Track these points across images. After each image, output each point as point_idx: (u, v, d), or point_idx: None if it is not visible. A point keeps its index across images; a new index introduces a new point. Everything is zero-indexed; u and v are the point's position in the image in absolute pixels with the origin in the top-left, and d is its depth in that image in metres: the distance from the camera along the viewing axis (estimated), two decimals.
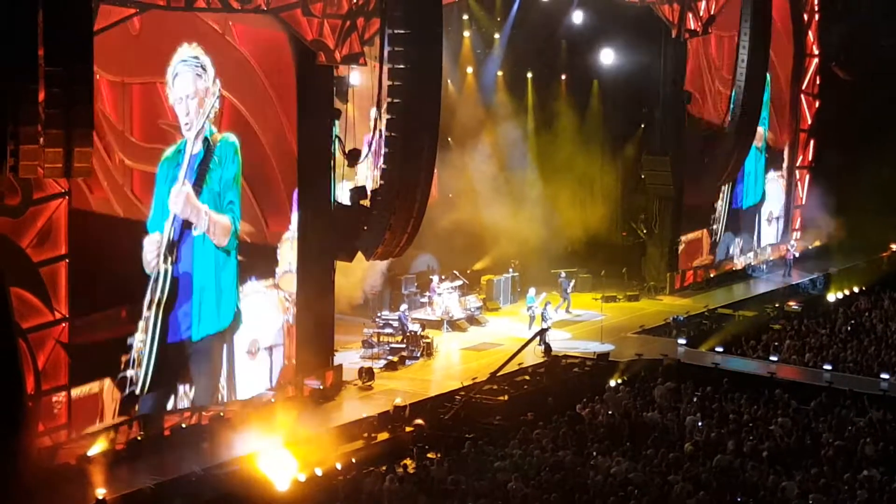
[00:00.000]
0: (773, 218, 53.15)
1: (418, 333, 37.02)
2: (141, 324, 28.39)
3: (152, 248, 28.62)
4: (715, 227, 49.11)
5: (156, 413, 28.67)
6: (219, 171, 30.21)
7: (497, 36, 44.79)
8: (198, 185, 29.67)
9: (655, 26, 44.42)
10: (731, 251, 50.22)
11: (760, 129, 50.67)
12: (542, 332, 37.43)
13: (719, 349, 37.33)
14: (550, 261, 45.06)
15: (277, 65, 31.33)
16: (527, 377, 34.64)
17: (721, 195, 49.15)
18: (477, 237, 43.37)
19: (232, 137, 30.44)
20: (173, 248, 29.11)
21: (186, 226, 29.44)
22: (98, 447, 26.68)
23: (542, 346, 37.04)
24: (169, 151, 28.92)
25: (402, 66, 31.22)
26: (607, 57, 45.91)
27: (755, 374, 34.56)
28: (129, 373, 28.19)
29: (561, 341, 38.40)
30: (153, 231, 28.58)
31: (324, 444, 28.40)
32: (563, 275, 43.25)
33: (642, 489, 24.49)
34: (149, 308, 28.55)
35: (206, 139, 29.80)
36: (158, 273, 28.74)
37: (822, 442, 28.08)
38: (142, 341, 28.42)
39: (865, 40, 53.42)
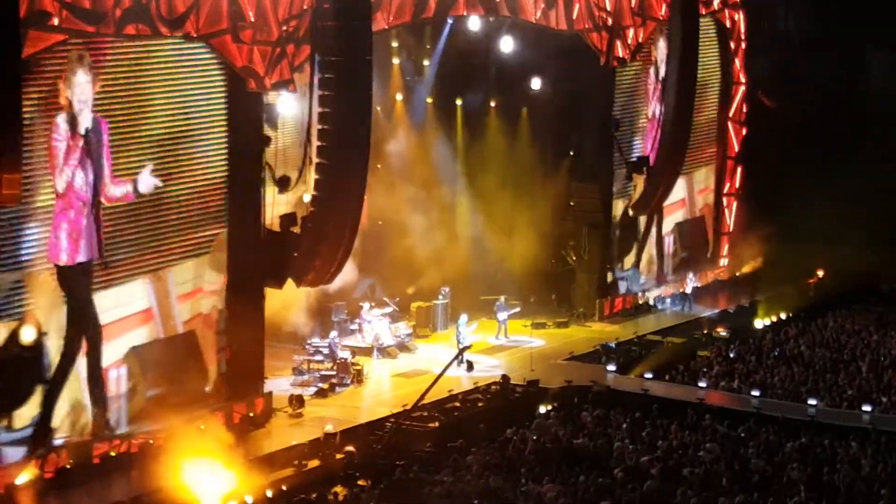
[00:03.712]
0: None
1: (348, 360, 36.92)
2: None
3: None
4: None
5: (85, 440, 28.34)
6: None
7: (427, 63, 44.78)
8: None
9: (584, 54, 44.65)
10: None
11: None
12: (461, 352, 37.45)
13: (649, 375, 37.49)
14: (480, 287, 45.11)
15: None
16: (457, 403, 34.66)
17: None
18: (406, 264, 43.28)
19: None
20: None
21: None
22: (26, 476, 26.38)
23: (465, 365, 37.24)
24: None
25: (331, 93, 31.24)
26: (536, 84, 46.02)
27: (684, 400, 34.74)
28: None
29: (488, 368, 38.40)
30: None
31: (254, 471, 28.24)
32: (502, 300, 43.26)
33: None
34: None
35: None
36: None
37: (750, 467, 28.27)
38: None
39: (791, 69, 54.07)
